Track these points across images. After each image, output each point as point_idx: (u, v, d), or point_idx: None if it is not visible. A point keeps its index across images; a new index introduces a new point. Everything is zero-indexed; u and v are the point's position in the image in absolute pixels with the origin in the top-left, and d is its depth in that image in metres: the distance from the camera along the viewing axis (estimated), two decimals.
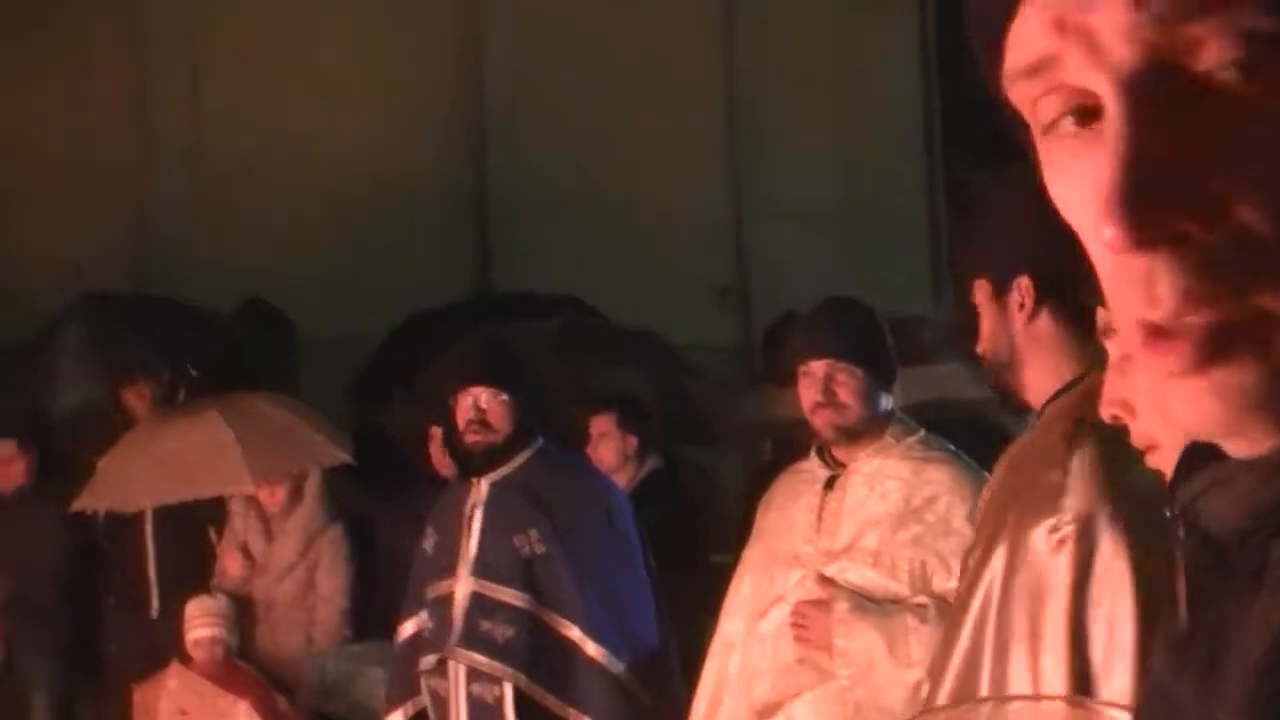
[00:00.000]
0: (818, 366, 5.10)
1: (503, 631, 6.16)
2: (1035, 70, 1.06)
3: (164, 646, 8.47)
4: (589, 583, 6.23)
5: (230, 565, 8.63)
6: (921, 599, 4.86)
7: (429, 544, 6.50)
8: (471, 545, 6.33)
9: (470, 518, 6.36)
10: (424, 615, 6.47)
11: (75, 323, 9.68)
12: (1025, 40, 1.06)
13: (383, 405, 10.51)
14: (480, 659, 6.17)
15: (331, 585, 8.54)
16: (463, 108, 15.00)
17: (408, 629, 6.56)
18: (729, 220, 16.10)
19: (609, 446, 8.34)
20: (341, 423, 9.63)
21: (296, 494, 8.64)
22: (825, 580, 5.01)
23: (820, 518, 5.09)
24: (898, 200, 16.47)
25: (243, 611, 8.43)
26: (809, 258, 15.32)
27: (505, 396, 6.32)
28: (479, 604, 6.24)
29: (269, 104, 13.56)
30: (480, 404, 6.30)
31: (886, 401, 5.15)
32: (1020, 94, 1.08)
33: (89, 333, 9.42)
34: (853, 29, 16.33)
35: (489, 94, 15.01)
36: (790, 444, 8.47)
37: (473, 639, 6.20)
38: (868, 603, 4.85)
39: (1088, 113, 1.04)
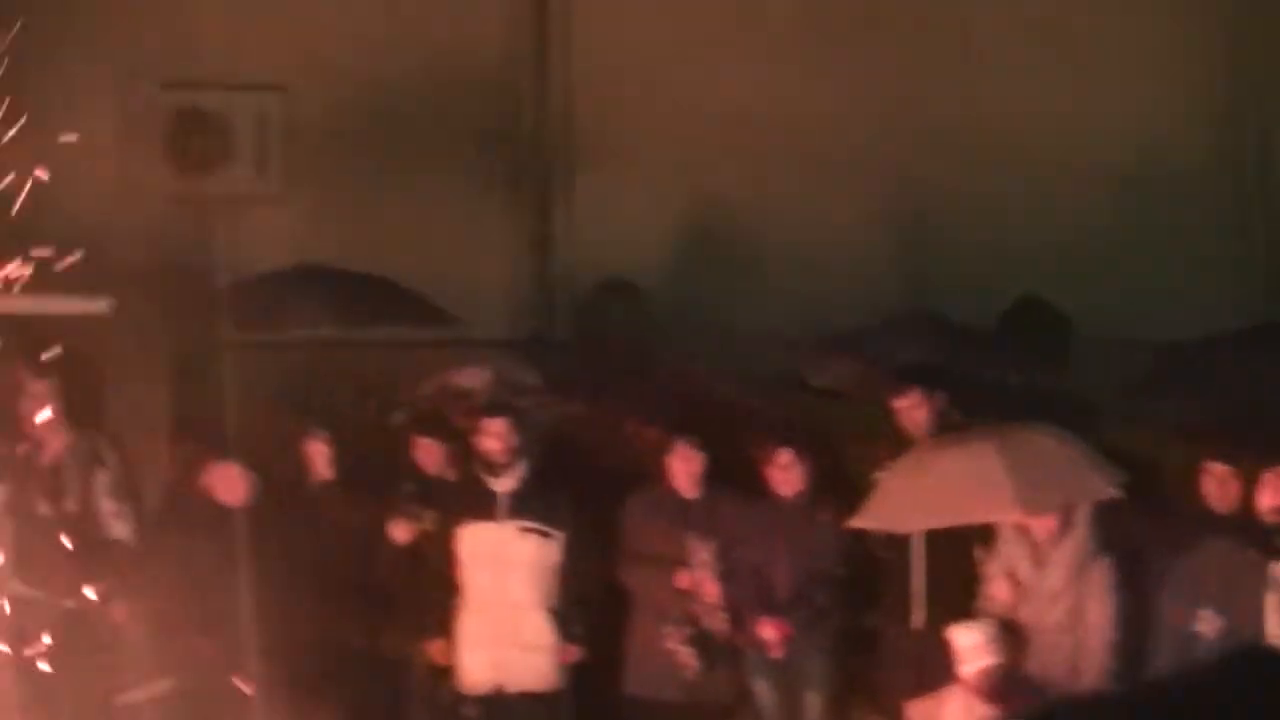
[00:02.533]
0: None
1: None
2: None
3: (926, 659, 8.80)
4: None
5: (998, 591, 8.85)
6: None
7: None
8: None
9: None
10: None
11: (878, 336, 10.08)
12: None
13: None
14: None
15: (1100, 615, 8.65)
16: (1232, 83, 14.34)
17: None
18: None
19: None
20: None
21: (1067, 523, 8.78)
22: None
23: None
24: None
25: (1009, 636, 8.64)
26: None
27: None
28: None
29: (1028, 84, 13.50)
30: None
31: None
32: None
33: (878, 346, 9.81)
34: None
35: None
36: None
37: None
38: None
39: None
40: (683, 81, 12.87)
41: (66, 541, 9.20)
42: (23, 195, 7.66)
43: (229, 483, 9.70)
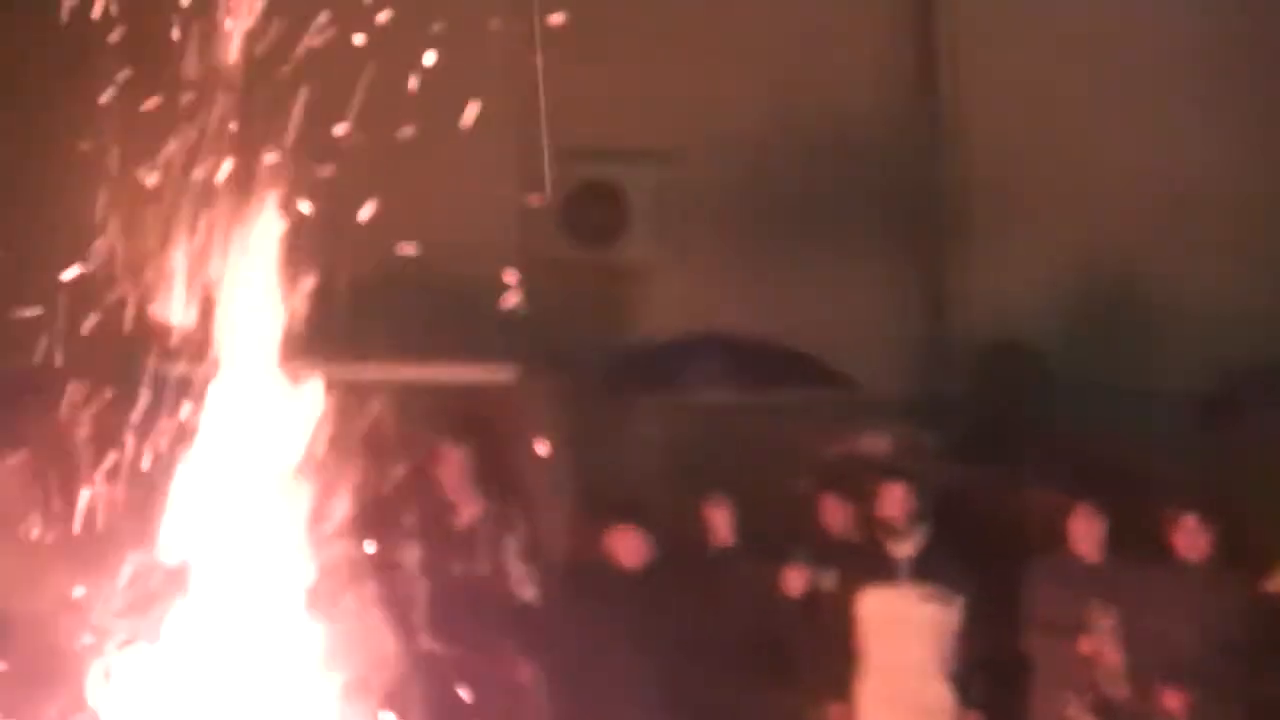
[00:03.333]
0: None
1: None
2: None
3: None
4: None
5: None
6: None
7: None
8: None
9: None
10: None
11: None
12: None
13: None
14: None
15: None
16: None
17: None
18: None
19: None
20: None
21: None
22: None
23: None
24: None
25: None
26: None
27: None
28: None
29: None
30: None
31: None
32: None
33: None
34: None
35: None
36: None
37: None
38: None
39: None
40: (1077, 135, 12.75)
41: (477, 603, 9.52)
42: None
43: (629, 545, 9.91)
